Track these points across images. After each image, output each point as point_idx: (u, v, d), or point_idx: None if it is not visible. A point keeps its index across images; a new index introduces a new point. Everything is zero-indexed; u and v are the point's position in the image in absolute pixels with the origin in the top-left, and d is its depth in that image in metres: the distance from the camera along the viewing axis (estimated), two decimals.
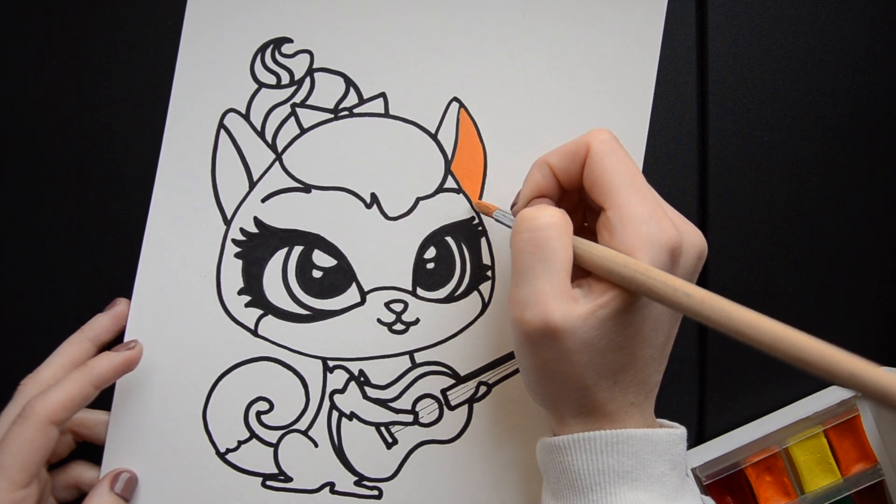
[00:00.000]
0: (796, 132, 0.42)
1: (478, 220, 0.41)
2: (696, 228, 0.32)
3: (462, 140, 0.41)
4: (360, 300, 0.40)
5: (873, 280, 0.43)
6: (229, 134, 0.40)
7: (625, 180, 0.31)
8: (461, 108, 0.41)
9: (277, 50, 0.41)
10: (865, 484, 0.41)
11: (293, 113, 0.41)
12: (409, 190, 0.41)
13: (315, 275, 0.40)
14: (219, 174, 0.40)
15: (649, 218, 0.30)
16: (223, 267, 0.40)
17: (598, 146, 0.32)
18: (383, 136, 0.41)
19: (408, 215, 0.41)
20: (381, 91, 0.41)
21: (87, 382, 0.35)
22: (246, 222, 0.40)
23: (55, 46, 0.41)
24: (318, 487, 0.40)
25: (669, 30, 0.41)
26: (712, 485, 0.41)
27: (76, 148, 0.41)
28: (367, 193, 0.40)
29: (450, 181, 0.41)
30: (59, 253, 0.41)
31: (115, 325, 0.39)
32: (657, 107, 0.41)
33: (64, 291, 0.41)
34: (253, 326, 0.40)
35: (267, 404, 0.40)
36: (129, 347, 0.38)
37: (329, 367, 0.40)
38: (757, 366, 0.42)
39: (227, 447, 0.40)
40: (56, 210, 0.41)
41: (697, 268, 0.32)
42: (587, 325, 0.29)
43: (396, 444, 0.40)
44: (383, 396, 0.41)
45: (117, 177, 0.41)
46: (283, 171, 0.41)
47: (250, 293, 0.40)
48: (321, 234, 0.40)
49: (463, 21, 0.41)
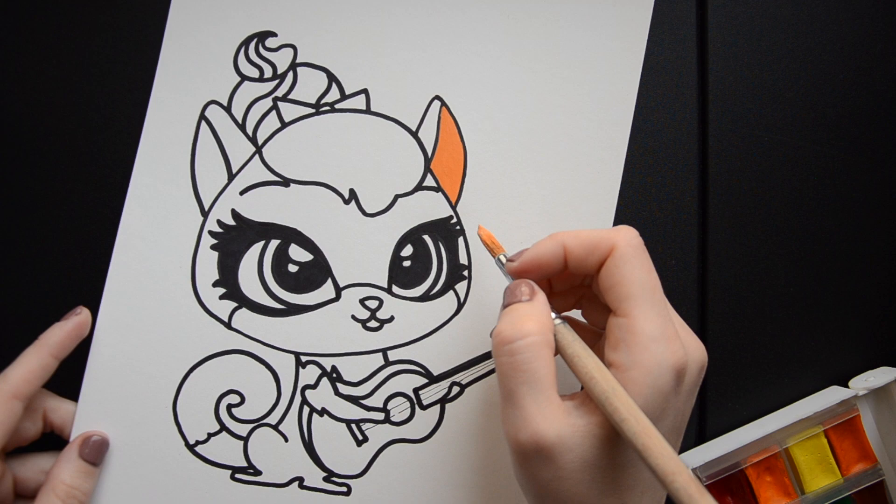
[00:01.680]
0: (796, 132, 0.42)
1: (456, 219, 0.41)
2: (699, 341, 0.33)
3: (443, 138, 0.41)
4: (335, 296, 0.40)
5: (873, 280, 0.43)
6: (210, 126, 0.40)
7: (645, 291, 0.31)
8: (443, 106, 0.41)
9: (261, 43, 0.41)
10: (865, 484, 0.41)
11: (275, 106, 0.41)
12: (388, 187, 0.40)
13: (291, 269, 0.40)
14: (198, 165, 0.40)
15: (661, 337, 0.30)
16: (198, 258, 0.40)
17: (624, 249, 0.31)
18: (364, 132, 0.41)
19: (386, 212, 0.40)
20: (363, 87, 0.41)
21: (44, 353, 0.36)
22: (223, 214, 0.40)
23: (36, 41, 0.41)
24: (288, 482, 0.40)
25: (669, 30, 0.41)
26: (712, 485, 0.41)
27: (57, 141, 0.41)
28: (345, 189, 0.40)
29: (429, 179, 0.41)
30: (37, 246, 0.41)
31: (75, 337, 0.38)
32: (657, 107, 0.41)
33: (39, 285, 0.41)
34: (226, 319, 0.40)
35: (238, 397, 0.40)
36: (76, 313, 0.38)
37: (302, 362, 0.40)
38: (757, 366, 0.42)
39: (197, 439, 0.40)
40: (34, 203, 0.41)
41: (698, 381, 0.32)
42: (585, 444, 0.29)
43: (367, 442, 0.40)
44: (355, 393, 0.40)
45: (97, 168, 0.41)
46: (263, 165, 0.40)
47: (225, 285, 0.40)
48: (298, 229, 0.40)
49: (447, 20, 0.41)
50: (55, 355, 0.36)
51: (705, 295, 0.42)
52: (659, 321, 0.30)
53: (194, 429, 0.40)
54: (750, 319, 0.42)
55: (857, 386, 0.42)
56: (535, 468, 0.30)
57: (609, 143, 0.41)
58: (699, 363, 0.32)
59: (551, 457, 0.29)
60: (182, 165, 0.40)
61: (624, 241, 0.31)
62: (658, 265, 0.40)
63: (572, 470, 0.29)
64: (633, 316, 0.30)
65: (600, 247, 0.32)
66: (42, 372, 0.36)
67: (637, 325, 0.30)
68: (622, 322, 0.30)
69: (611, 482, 0.30)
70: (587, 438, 0.29)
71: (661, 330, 0.30)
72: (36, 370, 0.35)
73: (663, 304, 0.31)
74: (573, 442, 0.29)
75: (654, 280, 0.31)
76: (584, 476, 0.29)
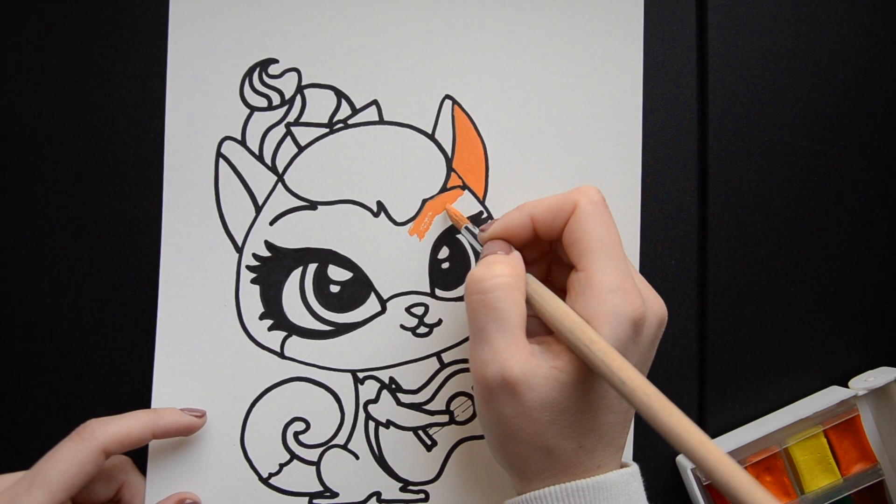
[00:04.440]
0: (796, 132, 0.42)
1: (486, 214, 0.41)
2: (659, 297, 0.34)
3: (460, 136, 0.41)
4: (381, 309, 0.40)
5: (873, 280, 0.43)
6: (228, 162, 0.41)
7: (604, 246, 0.32)
8: (454, 104, 0.41)
9: (264, 72, 0.41)
10: (865, 484, 0.41)
11: (289, 132, 0.41)
12: (414, 193, 0.41)
13: (333, 290, 0.40)
14: (224, 203, 0.40)
15: (618, 288, 0.31)
16: (241, 294, 0.40)
17: (585, 206, 0.32)
18: (381, 143, 0.41)
19: (416, 218, 0.41)
20: (372, 99, 0.41)
21: (148, 426, 0.36)
22: (257, 247, 0.40)
23: (38, 91, 0.41)
24: (365, 498, 0.40)
25: (669, 30, 0.41)
26: (712, 485, 0.40)
27: (74, 160, 0.41)
28: (373, 202, 0.41)
29: (454, 179, 0.41)
30: (58, 255, 0.41)
31: (181, 432, 0.38)
32: (657, 107, 0.41)
33: (62, 294, 0.41)
34: (279, 349, 0.40)
35: (303, 424, 0.40)
36: (196, 415, 0.38)
37: (359, 378, 0.41)
38: (757, 366, 0.42)
39: (270, 472, 0.40)
40: (58, 212, 0.41)
41: (658, 334, 0.34)
42: (548, 385, 0.30)
43: (436, 446, 0.41)
44: (417, 400, 0.41)
45: (119, 182, 0.41)
46: (287, 192, 0.41)
47: (272, 316, 0.40)
48: (333, 249, 0.40)
49: (446, 19, 0.41)
50: (156, 433, 0.36)
51: (705, 295, 0.42)
52: (617, 274, 0.31)
53: (265, 462, 0.40)
54: (750, 319, 0.42)
55: (857, 386, 0.41)
56: (499, 403, 0.31)
57: (624, 116, 0.41)
58: (658, 316, 0.33)
59: (515, 392, 0.30)
60: (208, 206, 0.40)
61: (585, 198, 0.33)
62: (658, 265, 0.41)
63: (533, 408, 0.30)
64: (592, 270, 0.31)
65: (564, 207, 0.33)
66: (138, 441, 0.35)
67: (595, 278, 0.31)
68: (581, 276, 0.32)
69: (569, 424, 0.31)
70: (549, 380, 0.30)
71: (618, 283, 0.31)
72: (133, 436, 0.35)
73: (622, 259, 0.32)
74: (536, 381, 0.30)
75: (615, 235, 0.32)
76: (543, 415, 0.30)
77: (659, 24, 0.41)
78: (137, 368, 0.40)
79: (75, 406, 0.40)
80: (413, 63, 0.41)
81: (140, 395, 0.40)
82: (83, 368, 0.41)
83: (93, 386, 0.41)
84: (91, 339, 0.41)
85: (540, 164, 0.41)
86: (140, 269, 0.41)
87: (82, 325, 0.41)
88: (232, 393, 0.40)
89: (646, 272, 0.41)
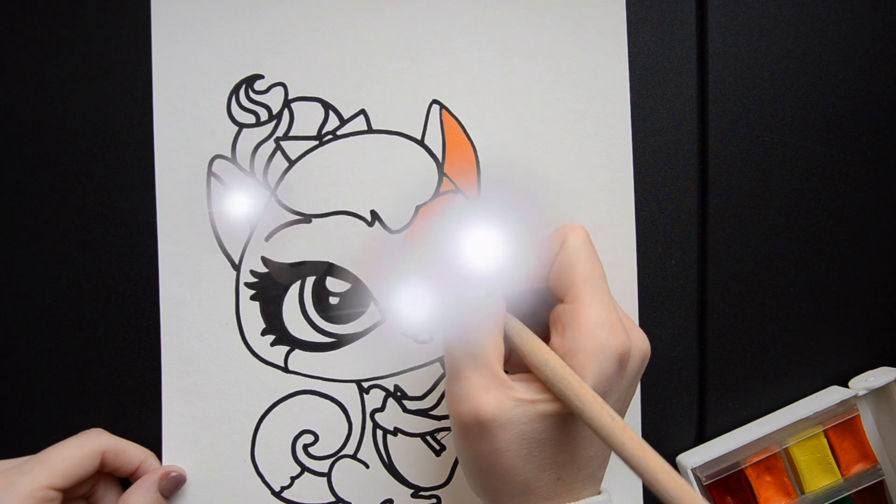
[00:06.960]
0: (796, 132, 0.42)
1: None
2: (643, 333, 0.34)
3: (449, 141, 0.41)
4: (382, 317, 0.41)
5: (873, 280, 0.43)
6: (220, 180, 0.41)
7: (589, 279, 0.32)
8: (442, 109, 0.41)
9: (250, 88, 0.41)
10: (865, 484, 0.41)
11: (278, 147, 0.41)
12: (407, 200, 0.41)
13: (332, 301, 0.41)
14: (218, 222, 0.41)
15: (605, 323, 0.31)
16: (242, 312, 0.41)
17: (572, 242, 0.33)
18: (371, 152, 0.41)
19: (411, 225, 0.41)
20: (360, 108, 0.41)
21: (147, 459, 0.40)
22: (254, 264, 0.41)
23: (33, 109, 0.41)
24: None
25: (669, 30, 0.41)
26: (712, 485, 0.41)
27: (79, 206, 0.41)
28: (366, 212, 0.41)
29: (446, 183, 0.41)
30: (54, 285, 0.41)
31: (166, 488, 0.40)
32: (657, 107, 0.41)
33: (60, 323, 0.41)
34: (283, 364, 0.41)
35: (312, 436, 0.41)
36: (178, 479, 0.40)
37: (364, 388, 0.41)
38: (757, 366, 0.42)
39: (282, 485, 0.40)
40: (51, 245, 0.41)
41: (641, 369, 0.34)
42: (525, 418, 0.30)
43: (445, 451, 0.41)
44: (423, 406, 0.41)
45: (112, 207, 0.41)
46: (281, 206, 0.41)
47: (274, 332, 0.41)
48: (330, 261, 0.41)
49: (429, 24, 0.41)
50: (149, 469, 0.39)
51: (705, 295, 0.42)
52: (603, 308, 0.31)
53: (277, 476, 0.40)
54: (750, 319, 0.42)
55: (857, 386, 0.41)
56: (473, 440, 0.31)
57: (611, 109, 0.41)
58: (642, 352, 0.33)
59: (489, 430, 0.30)
60: (203, 225, 0.40)
61: (573, 234, 0.33)
62: (658, 265, 0.41)
63: (510, 443, 0.30)
64: (580, 303, 0.31)
65: (552, 245, 0.33)
66: (131, 459, 0.39)
67: (582, 312, 0.31)
68: (569, 308, 0.32)
69: (548, 457, 0.30)
70: (529, 415, 0.30)
71: (605, 317, 0.31)
72: (130, 454, 0.39)
73: (608, 294, 0.32)
74: (513, 416, 0.30)
75: (600, 270, 0.33)
76: (521, 449, 0.30)
77: (659, 24, 0.41)
78: (144, 390, 0.41)
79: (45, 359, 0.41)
80: (398, 70, 0.41)
81: (151, 423, 0.40)
82: (88, 393, 0.41)
83: (101, 411, 0.41)
84: (95, 364, 0.41)
85: (531, 163, 0.41)
86: (140, 292, 0.41)
87: (85, 350, 0.41)
88: (240, 410, 0.40)
89: (646, 272, 0.41)
